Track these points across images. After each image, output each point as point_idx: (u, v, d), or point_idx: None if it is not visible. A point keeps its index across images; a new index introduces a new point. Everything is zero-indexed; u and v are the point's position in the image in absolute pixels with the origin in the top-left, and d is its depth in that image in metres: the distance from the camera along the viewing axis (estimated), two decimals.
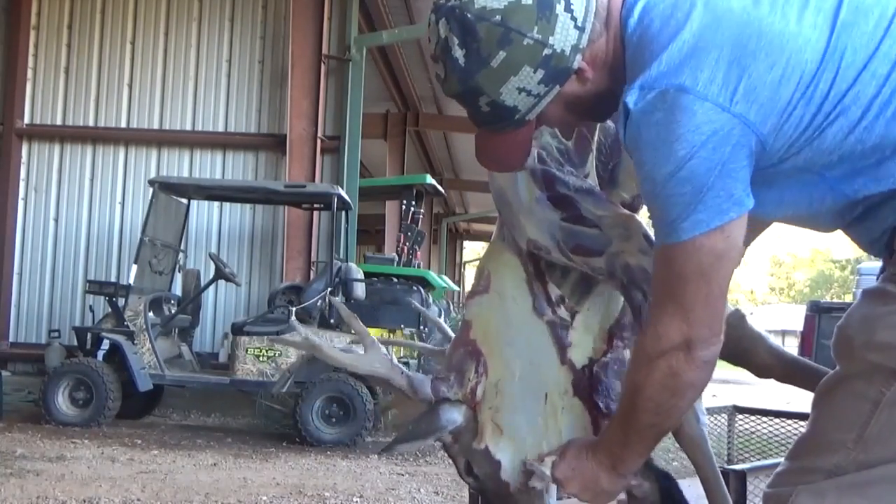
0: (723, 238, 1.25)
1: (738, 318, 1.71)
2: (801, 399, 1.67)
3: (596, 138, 1.74)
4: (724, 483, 1.67)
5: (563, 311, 1.75)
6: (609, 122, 1.74)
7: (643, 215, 1.75)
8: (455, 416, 1.77)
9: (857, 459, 1.20)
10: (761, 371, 1.75)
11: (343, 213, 8.31)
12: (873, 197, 1.27)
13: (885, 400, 1.19)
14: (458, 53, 1.33)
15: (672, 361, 1.29)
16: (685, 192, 1.24)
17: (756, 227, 1.58)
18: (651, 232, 1.62)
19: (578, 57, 1.34)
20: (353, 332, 7.18)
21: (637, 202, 1.79)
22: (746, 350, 1.74)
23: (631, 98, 1.27)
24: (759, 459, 2.85)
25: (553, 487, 1.64)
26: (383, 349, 1.87)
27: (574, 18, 1.31)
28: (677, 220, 1.26)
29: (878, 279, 1.35)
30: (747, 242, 1.67)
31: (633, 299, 1.64)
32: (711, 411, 3.16)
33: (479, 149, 1.50)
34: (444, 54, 1.35)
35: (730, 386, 17.12)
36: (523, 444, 1.72)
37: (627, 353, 1.73)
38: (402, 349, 7.65)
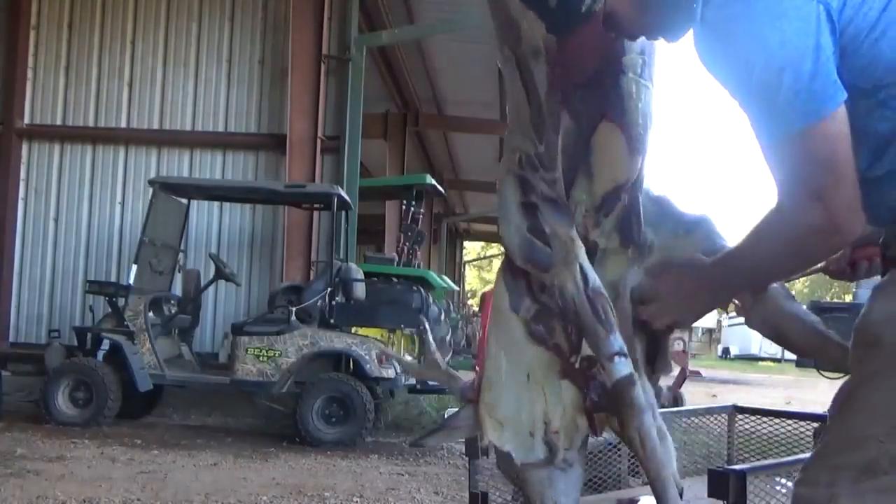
0: (835, 124, 1.23)
1: (781, 295, 1.73)
2: (801, 399, 1.67)
3: (559, 140, 1.71)
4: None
5: (547, 298, 1.74)
6: (567, 121, 1.71)
7: (613, 218, 1.72)
8: (470, 413, 1.83)
9: (891, 452, 1.19)
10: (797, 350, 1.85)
11: (343, 213, 8.31)
12: None
13: None
14: None
15: (811, 241, 1.30)
16: (785, 81, 1.21)
17: None
18: (587, 264, 1.65)
19: None
20: (353, 331, 7.11)
21: (615, 193, 1.73)
22: (780, 327, 1.76)
23: None
24: (759, 459, 2.84)
25: (577, 459, 1.71)
26: (441, 362, 2.04)
27: None
28: (788, 112, 1.23)
29: (883, 261, 1.34)
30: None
31: (565, 322, 1.67)
32: (712, 411, 3.17)
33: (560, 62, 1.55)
34: None
35: (730, 386, 17.14)
36: (522, 426, 1.75)
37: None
38: (403, 346, 7.65)
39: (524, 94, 1.71)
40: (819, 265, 1.77)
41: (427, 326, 2.52)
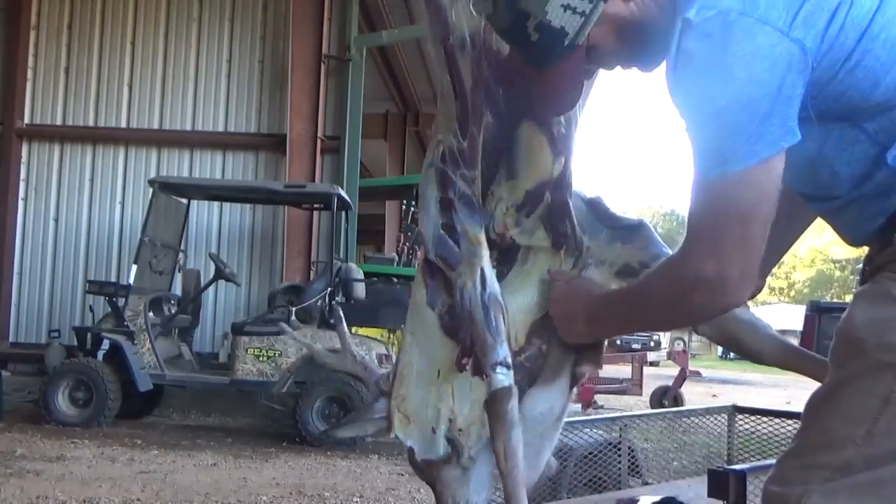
0: (766, 172, 1.22)
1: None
2: (801, 399, 1.67)
3: (481, 137, 1.69)
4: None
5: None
6: (489, 118, 1.69)
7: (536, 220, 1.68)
8: (385, 406, 1.80)
9: (866, 454, 1.21)
10: (754, 357, 1.81)
11: (343, 213, 8.31)
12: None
13: (894, 396, 1.21)
14: None
15: (695, 295, 1.29)
16: (742, 119, 1.20)
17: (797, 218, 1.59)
18: (489, 269, 1.63)
19: None
20: (353, 332, 7.07)
21: (538, 190, 1.70)
22: (732, 332, 1.77)
23: (691, 12, 1.24)
24: (759, 459, 2.85)
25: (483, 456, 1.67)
26: (357, 349, 1.99)
27: None
28: (732, 149, 1.22)
29: (864, 272, 1.34)
30: (791, 241, 1.67)
31: (463, 327, 1.63)
32: (711, 411, 3.17)
33: (536, 97, 1.51)
34: None
35: (730, 386, 17.14)
36: (426, 421, 1.74)
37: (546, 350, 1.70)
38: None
39: (451, 88, 1.69)
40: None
41: (341, 315, 2.45)
